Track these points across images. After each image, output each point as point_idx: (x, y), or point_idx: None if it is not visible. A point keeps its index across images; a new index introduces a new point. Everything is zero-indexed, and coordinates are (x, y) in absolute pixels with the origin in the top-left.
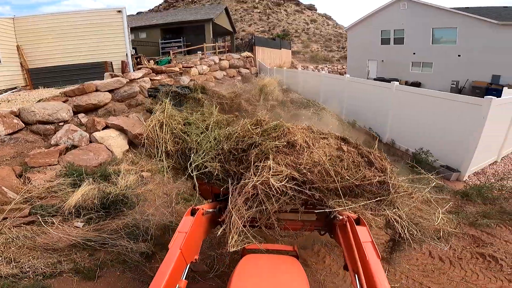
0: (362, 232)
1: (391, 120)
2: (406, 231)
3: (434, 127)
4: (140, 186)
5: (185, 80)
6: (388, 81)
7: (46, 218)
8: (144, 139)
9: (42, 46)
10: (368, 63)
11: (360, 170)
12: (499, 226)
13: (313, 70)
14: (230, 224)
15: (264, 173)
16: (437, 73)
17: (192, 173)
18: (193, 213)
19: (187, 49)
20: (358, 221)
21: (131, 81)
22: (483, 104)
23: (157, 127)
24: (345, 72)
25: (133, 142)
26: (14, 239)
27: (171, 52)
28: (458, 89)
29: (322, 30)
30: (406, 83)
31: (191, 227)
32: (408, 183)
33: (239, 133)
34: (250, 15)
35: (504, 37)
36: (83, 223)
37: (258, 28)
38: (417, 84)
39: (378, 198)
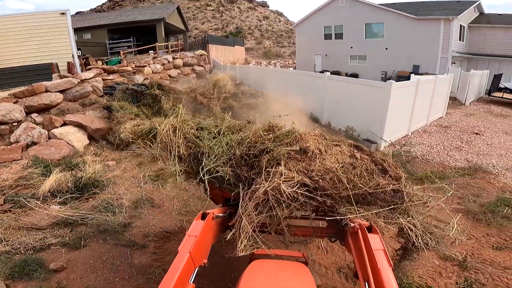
0: (374, 240)
1: (327, 105)
2: (420, 240)
3: (357, 108)
4: (108, 173)
5: (139, 79)
6: (332, 73)
7: (24, 203)
8: (157, 143)
9: None
10: (314, 58)
11: (373, 178)
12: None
13: (266, 65)
14: (240, 229)
15: (276, 179)
16: (370, 65)
17: (204, 177)
18: (203, 217)
19: (138, 49)
20: (370, 229)
21: (82, 81)
22: (386, 87)
23: (170, 132)
24: (295, 67)
25: (93, 137)
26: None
27: (121, 52)
28: (386, 79)
29: (274, 27)
30: (346, 75)
31: (201, 231)
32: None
33: (251, 138)
34: (203, 13)
35: (420, 31)
36: (59, 205)
37: (212, 26)
38: (355, 75)
39: (392, 207)
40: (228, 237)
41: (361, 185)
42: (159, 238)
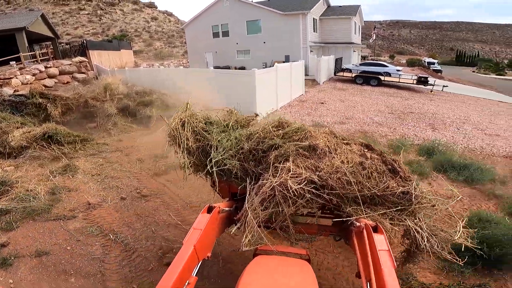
0: (379, 240)
1: (217, 94)
2: (426, 242)
3: (237, 92)
4: (10, 174)
5: (7, 91)
6: (223, 68)
7: None
8: (167, 137)
9: None
10: (206, 55)
11: (383, 179)
12: None
13: (158, 66)
14: (245, 223)
15: (283, 175)
16: (253, 58)
17: (212, 169)
18: (209, 210)
19: None
20: (376, 229)
21: None
22: (252, 74)
23: (179, 126)
24: (189, 65)
25: None
26: None
27: None
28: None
29: (164, 27)
30: (235, 68)
31: (206, 225)
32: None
33: (260, 134)
34: (75, 18)
35: (287, 25)
36: None
37: (88, 31)
38: (242, 68)
39: (399, 208)
40: (233, 231)
41: (370, 187)
42: (85, 209)
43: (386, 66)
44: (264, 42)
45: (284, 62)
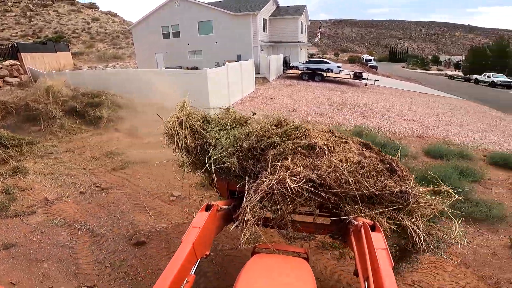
0: (377, 238)
1: (167, 94)
2: (422, 242)
3: (191, 90)
4: None
5: None
6: (174, 69)
7: None
8: (164, 136)
9: None
10: (156, 56)
11: (381, 178)
12: None
13: (102, 68)
14: (243, 222)
15: (281, 173)
16: (206, 58)
17: (210, 167)
18: (208, 208)
19: None
20: (374, 228)
21: None
22: (203, 73)
23: (176, 124)
24: (137, 67)
25: None
26: None
27: None
28: None
29: (107, 28)
30: (188, 68)
31: (204, 223)
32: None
33: (258, 132)
34: (0, 20)
35: (239, 25)
36: None
37: (17, 33)
38: (195, 68)
39: (397, 207)
40: (231, 229)
41: (368, 186)
42: (44, 205)
43: (329, 63)
44: (216, 42)
45: (236, 61)
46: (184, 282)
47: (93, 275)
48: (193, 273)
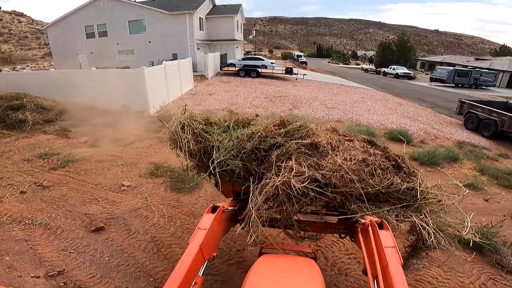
0: (385, 236)
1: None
2: (432, 238)
3: (128, 90)
4: None
5: None
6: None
7: None
8: (168, 141)
9: None
10: (78, 57)
11: (386, 175)
12: None
13: (8, 71)
14: (249, 223)
15: (286, 173)
16: (138, 57)
17: (215, 170)
18: (213, 210)
19: None
20: (381, 226)
21: None
22: (141, 72)
23: (179, 128)
24: (55, 68)
25: None
26: None
27: None
28: None
29: (13, 29)
30: (117, 68)
31: (211, 224)
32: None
33: (261, 133)
34: None
35: (174, 24)
36: None
37: None
38: (127, 68)
39: (404, 204)
40: (238, 231)
41: (373, 185)
42: None
43: (263, 60)
44: (150, 41)
45: (172, 60)
46: (193, 283)
47: (59, 261)
48: (201, 274)
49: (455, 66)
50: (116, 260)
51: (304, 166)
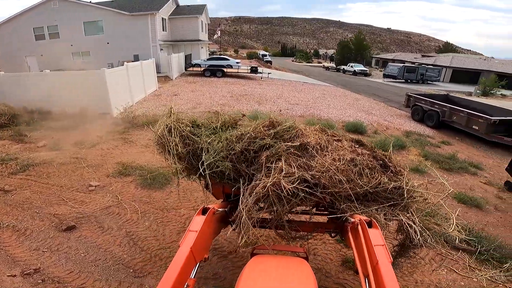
0: (374, 235)
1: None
2: (419, 237)
3: (87, 92)
4: None
5: None
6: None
7: None
8: (154, 145)
9: None
10: (26, 59)
11: (374, 175)
12: None
13: None
14: (240, 224)
15: (276, 174)
16: (96, 59)
17: (205, 171)
18: (204, 212)
19: None
20: (370, 224)
21: None
22: (101, 73)
23: (165, 132)
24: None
25: None
26: None
27: None
28: None
29: None
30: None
31: (202, 226)
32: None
33: (251, 134)
34: None
35: (135, 25)
36: None
37: None
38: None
39: (392, 203)
40: (229, 232)
41: (362, 185)
42: None
43: (228, 59)
44: (108, 43)
45: (133, 61)
46: (185, 286)
47: (33, 260)
48: (193, 276)
49: (404, 63)
50: (92, 255)
51: (294, 167)
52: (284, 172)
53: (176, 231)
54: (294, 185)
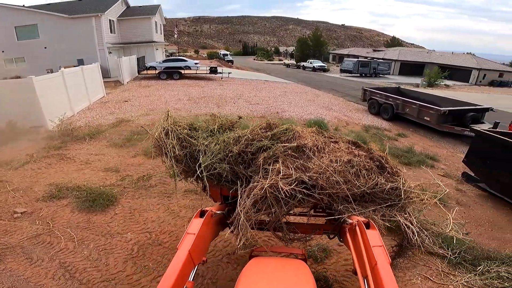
0: (372, 236)
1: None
2: (417, 237)
3: (16, 103)
4: None
5: None
6: None
7: None
8: (152, 148)
9: None
10: None
11: (371, 176)
12: None
13: None
14: (238, 226)
15: (273, 176)
16: (32, 65)
17: (202, 174)
18: (202, 214)
19: None
20: (368, 225)
21: None
22: (28, 82)
23: (163, 135)
24: None
25: None
26: None
27: None
28: None
29: None
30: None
31: (200, 229)
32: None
33: (248, 136)
34: None
35: (76, 28)
36: None
37: None
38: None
39: (389, 204)
40: (227, 234)
41: (359, 186)
42: None
43: (186, 60)
44: (45, 47)
45: (77, 66)
46: None
47: None
48: (191, 279)
49: (358, 58)
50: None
51: (291, 168)
52: (281, 173)
53: (122, 259)
54: (292, 186)
